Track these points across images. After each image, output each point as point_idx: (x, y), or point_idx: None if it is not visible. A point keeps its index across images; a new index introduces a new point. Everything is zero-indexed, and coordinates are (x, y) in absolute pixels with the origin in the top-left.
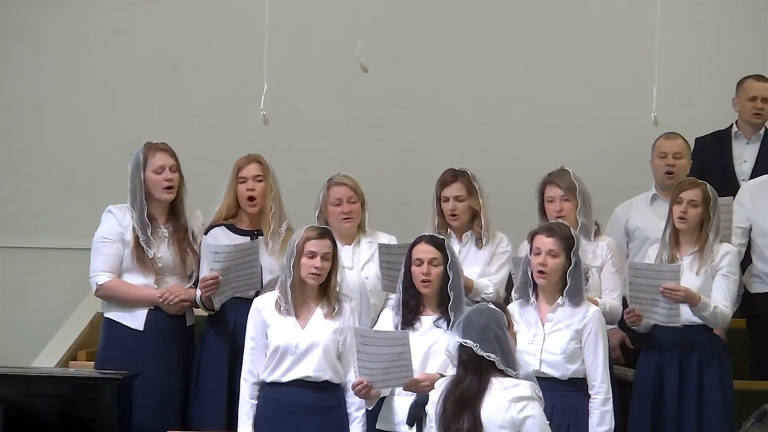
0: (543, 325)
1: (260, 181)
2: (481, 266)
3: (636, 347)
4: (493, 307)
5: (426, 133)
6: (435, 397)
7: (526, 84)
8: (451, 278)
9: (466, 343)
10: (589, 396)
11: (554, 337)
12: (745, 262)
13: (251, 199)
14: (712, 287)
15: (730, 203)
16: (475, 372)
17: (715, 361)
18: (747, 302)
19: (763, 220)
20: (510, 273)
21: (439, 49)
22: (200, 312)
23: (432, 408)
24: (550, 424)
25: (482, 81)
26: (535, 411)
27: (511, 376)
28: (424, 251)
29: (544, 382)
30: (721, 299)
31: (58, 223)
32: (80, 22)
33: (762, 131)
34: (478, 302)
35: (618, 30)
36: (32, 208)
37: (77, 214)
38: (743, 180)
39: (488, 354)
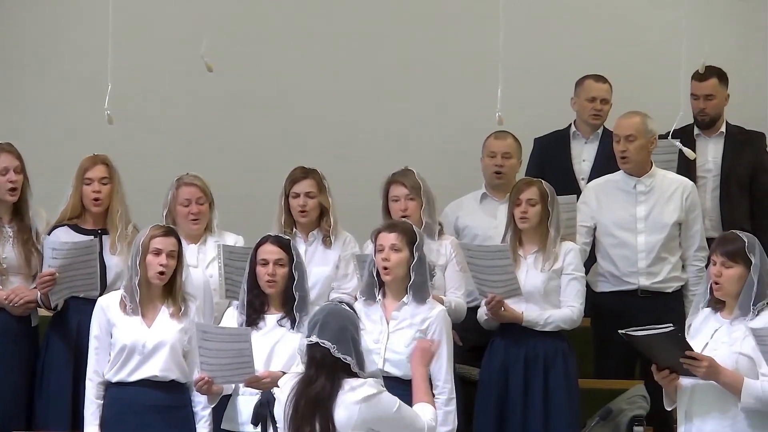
0: (388, 324)
1: (106, 183)
2: (330, 267)
3: (465, 346)
4: (347, 308)
5: (272, 132)
6: (282, 396)
7: (373, 83)
8: (296, 279)
9: (323, 343)
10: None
11: (398, 336)
12: (590, 262)
13: (97, 200)
14: (562, 290)
15: (573, 202)
16: (328, 373)
17: (560, 358)
18: (591, 301)
19: (608, 219)
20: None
21: (284, 49)
22: (45, 313)
23: (280, 407)
24: None
25: (328, 80)
26: (381, 408)
27: (361, 377)
28: (270, 251)
29: (388, 381)
30: (570, 300)
31: None
32: None
33: (600, 131)
34: None
35: (463, 30)
36: None
37: None
38: (582, 179)
39: (344, 356)
